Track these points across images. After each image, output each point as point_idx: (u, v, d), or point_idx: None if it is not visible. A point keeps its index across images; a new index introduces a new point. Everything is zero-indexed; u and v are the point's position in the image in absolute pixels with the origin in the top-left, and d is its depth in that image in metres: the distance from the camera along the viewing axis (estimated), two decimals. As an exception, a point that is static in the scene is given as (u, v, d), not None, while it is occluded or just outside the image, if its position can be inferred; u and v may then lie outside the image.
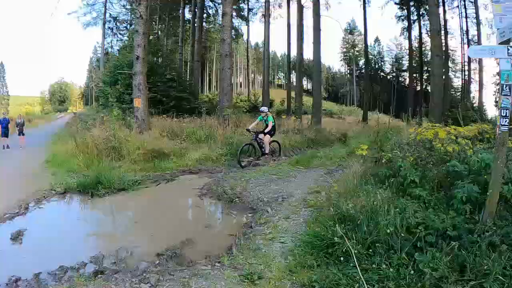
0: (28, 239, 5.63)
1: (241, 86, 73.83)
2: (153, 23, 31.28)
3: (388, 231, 3.73)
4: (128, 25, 40.14)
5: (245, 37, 51.07)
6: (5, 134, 18.07)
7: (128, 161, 10.80)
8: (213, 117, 16.76)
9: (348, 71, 76.95)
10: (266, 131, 11.54)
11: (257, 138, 11.50)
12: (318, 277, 3.46)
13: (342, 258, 3.63)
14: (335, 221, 4.31)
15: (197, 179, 9.29)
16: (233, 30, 27.24)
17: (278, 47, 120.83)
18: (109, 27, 41.44)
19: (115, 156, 11.01)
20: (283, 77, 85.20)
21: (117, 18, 41.33)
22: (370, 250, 3.64)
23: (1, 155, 15.68)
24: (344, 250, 3.65)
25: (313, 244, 4.12)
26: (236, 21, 38.69)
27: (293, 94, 35.95)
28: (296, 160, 10.44)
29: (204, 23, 37.50)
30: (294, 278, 3.59)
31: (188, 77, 32.20)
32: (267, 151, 11.60)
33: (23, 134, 18.82)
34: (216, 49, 60.45)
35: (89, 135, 12.41)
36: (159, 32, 35.57)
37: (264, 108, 12.22)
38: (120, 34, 42.67)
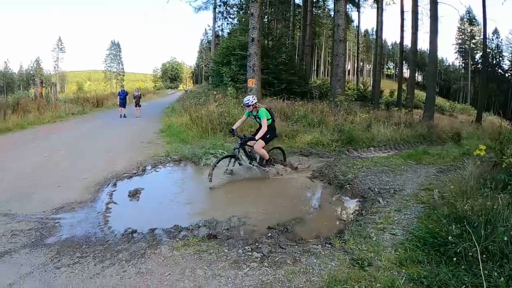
0: (144, 197, 6.28)
1: (349, 73, 72.40)
2: (263, 7, 31.92)
3: (505, 238, 3.56)
4: (239, 9, 41.56)
5: (355, 23, 50.17)
6: (123, 105, 20.31)
7: (240, 138, 11.16)
8: (324, 102, 16.61)
9: (463, 65, 71.17)
10: (259, 135, 7.53)
11: (244, 146, 7.70)
12: (428, 274, 3.41)
13: (454, 259, 3.55)
14: (449, 220, 4.22)
15: (308, 161, 9.35)
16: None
17: (387, 35, 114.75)
18: (219, 11, 43.60)
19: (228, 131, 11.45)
20: (393, 67, 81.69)
21: (227, 2, 43.18)
22: (484, 256, 3.49)
23: (120, 123, 17.50)
24: (457, 250, 3.58)
25: (425, 240, 4.07)
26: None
27: (403, 86, 34.50)
28: (407, 154, 9.99)
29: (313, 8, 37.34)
30: (403, 270, 3.57)
31: (298, 61, 32.33)
32: (264, 163, 7.82)
33: (139, 106, 20.76)
34: (325, 34, 59.90)
35: (204, 110, 13.10)
36: (269, 17, 36.15)
37: (249, 100, 7.68)
38: (230, 17, 44.51)
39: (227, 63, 22.84)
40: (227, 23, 45.62)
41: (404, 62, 41.41)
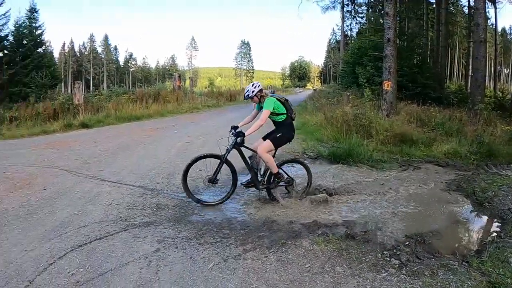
0: (283, 190, 6.43)
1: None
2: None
3: None
4: (368, 8, 40.75)
5: (490, 21, 46.12)
6: None
7: (375, 141, 11.14)
8: (461, 110, 15.72)
9: None
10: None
11: (239, 148, 5.90)
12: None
13: None
14: None
15: (444, 173, 9.00)
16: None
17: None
18: (347, 10, 43.18)
19: (364, 134, 11.47)
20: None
21: (355, 1, 42.54)
22: None
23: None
24: None
25: None
26: (483, 4, 35.04)
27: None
28: (546, 174, 9.08)
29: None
30: (540, 304, 3.35)
31: (431, 64, 30.55)
32: (274, 177, 5.96)
33: (273, 103, 21.71)
34: (459, 34, 55.86)
35: (339, 111, 13.26)
36: (400, 16, 34.94)
37: (248, 89, 5.98)
38: (358, 17, 43.86)
39: (359, 64, 22.73)
40: (356, 23, 45.23)
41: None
